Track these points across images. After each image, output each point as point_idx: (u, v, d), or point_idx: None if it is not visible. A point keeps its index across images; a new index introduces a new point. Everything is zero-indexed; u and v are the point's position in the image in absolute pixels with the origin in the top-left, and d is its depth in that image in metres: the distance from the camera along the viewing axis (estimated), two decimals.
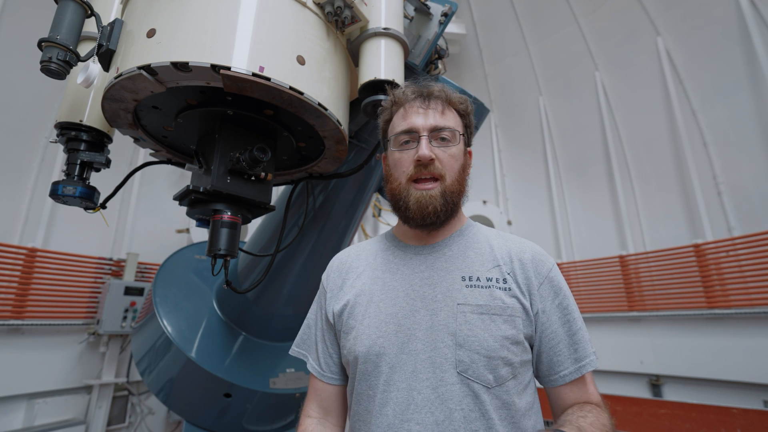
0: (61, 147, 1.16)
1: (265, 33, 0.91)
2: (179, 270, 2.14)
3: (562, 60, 4.79)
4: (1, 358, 2.94)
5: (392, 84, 1.03)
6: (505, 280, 0.82)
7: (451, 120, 0.88)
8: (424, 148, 0.82)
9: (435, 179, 0.84)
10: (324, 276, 1.00)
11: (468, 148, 0.94)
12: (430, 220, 0.84)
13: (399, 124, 0.89)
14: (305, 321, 1.03)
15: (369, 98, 1.03)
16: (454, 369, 0.75)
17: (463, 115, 0.92)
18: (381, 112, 0.96)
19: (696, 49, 3.78)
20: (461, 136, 0.89)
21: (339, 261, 1.00)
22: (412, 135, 0.86)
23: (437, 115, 0.87)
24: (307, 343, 0.99)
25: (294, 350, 1.02)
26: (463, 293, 0.81)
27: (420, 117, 0.86)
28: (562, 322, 0.82)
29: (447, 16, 1.36)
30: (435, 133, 0.85)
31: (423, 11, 1.37)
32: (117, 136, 1.22)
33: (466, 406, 0.73)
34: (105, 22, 0.99)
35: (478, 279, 0.83)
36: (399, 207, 0.87)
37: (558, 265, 4.26)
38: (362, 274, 0.92)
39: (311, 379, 0.97)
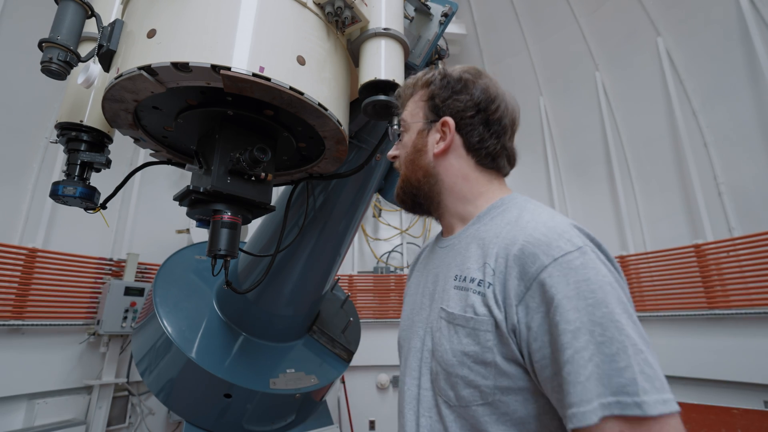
0: (62, 147, 1.16)
1: (266, 33, 0.91)
2: (179, 270, 2.14)
3: (562, 60, 4.79)
4: (2, 359, 2.94)
5: (394, 84, 1.02)
6: (483, 282, 0.65)
7: (406, 111, 0.91)
8: (392, 149, 0.91)
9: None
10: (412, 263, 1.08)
11: (444, 119, 0.81)
12: (407, 210, 0.90)
13: None
14: None
15: (369, 99, 1.03)
16: (430, 376, 0.71)
17: (425, 86, 0.87)
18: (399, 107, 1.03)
19: (696, 49, 3.78)
20: (414, 123, 0.87)
21: (425, 246, 1.07)
22: None
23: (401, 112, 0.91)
24: None
25: None
26: (449, 295, 0.72)
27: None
28: (553, 349, 0.56)
29: (447, 17, 1.36)
30: (396, 130, 0.92)
31: (423, 11, 1.37)
32: (117, 136, 1.22)
33: (433, 417, 0.68)
34: (105, 22, 0.99)
35: (464, 279, 0.69)
36: None
37: None
38: (418, 265, 1.00)
39: None
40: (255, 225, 1.99)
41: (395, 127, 0.92)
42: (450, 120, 0.81)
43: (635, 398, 0.49)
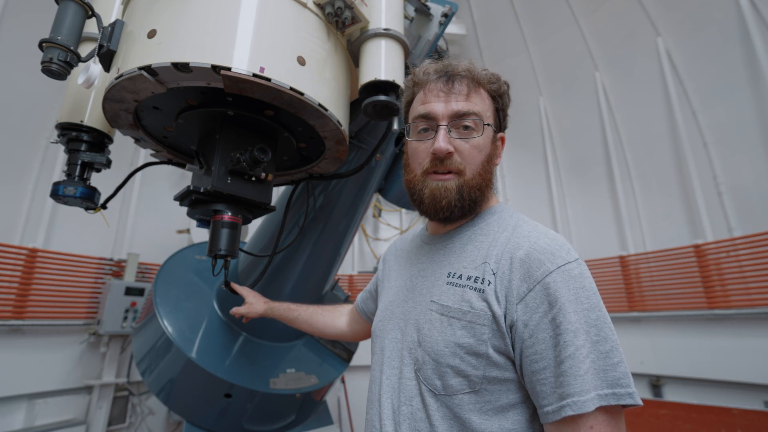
0: (62, 147, 1.16)
1: (266, 34, 0.91)
2: (180, 270, 2.14)
3: (562, 61, 4.79)
4: (2, 358, 2.94)
5: (394, 84, 1.03)
6: (483, 280, 0.69)
7: (477, 104, 0.78)
8: (441, 141, 0.74)
9: (450, 172, 0.77)
10: (388, 249, 1.10)
11: (500, 134, 0.83)
12: (443, 214, 0.77)
13: (417, 108, 0.81)
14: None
15: (369, 99, 1.03)
16: (413, 366, 0.74)
17: (494, 97, 0.81)
18: (401, 93, 0.90)
19: (696, 49, 3.78)
20: (487, 125, 0.78)
21: (401, 238, 1.08)
22: (430, 122, 0.78)
23: (460, 100, 0.77)
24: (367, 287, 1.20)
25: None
26: (440, 290, 0.75)
27: (440, 102, 0.77)
28: (552, 344, 0.61)
29: (447, 17, 1.37)
30: (456, 121, 0.76)
31: (423, 12, 1.38)
32: (117, 136, 1.22)
33: (415, 405, 0.71)
34: (106, 22, 1.00)
35: (459, 277, 0.73)
36: (414, 199, 0.81)
37: None
38: (398, 257, 0.99)
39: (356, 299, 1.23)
40: (255, 225, 1.99)
41: (473, 119, 0.77)
42: (504, 138, 0.85)
43: (627, 389, 0.58)
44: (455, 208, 0.76)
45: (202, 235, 3.93)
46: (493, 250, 0.73)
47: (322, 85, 0.99)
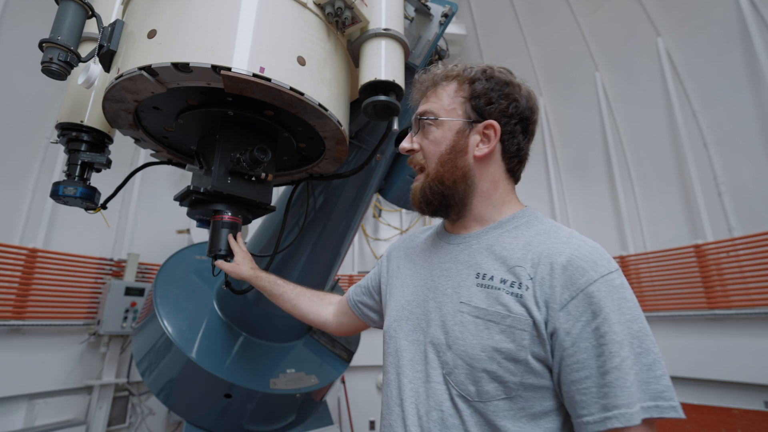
0: (62, 147, 1.16)
1: (266, 34, 0.91)
2: (180, 270, 2.14)
3: (562, 61, 4.79)
4: (2, 359, 2.94)
5: (394, 84, 1.03)
6: (520, 284, 0.68)
7: (434, 102, 0.83)
8: (404, 141, 0.83)
9: (422, 170, 0.83)
10: (392, 245, 1.08)
11: (488, 122, 0.80)
12: (423, 212, 0.84)
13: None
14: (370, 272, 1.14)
15: (369, 99, 1.03)
16: (441, 370, 0.72)
17: (466, 82, 0.81)
18: (400, 107, 1.00)
19: (696, 50, 3.78)
20: (446, 119, 0.80)
21: (408, 236, 1.05)
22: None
23: (424, 101, 0.85)
24: (360, 282, 1.14)
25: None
26: (470, 291, 0.73)
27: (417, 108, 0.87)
28: (595, 354, 0.61)
29: (447, 17, 1.37)
30: (418, 123, 0.84)
31: (423, 12, 1.37)
32: (118, 136, 1.22)
33: (445, 410, 0.69)
34: (106, 22, 1.00)
35: (491, 279, 0.71)
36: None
37: None
38: (409, 254, 0.96)
39: (347, 292, 1.16)
40: (255, 225, 1.99)
41: (424, 119, 0.83)
42: (497, 125, 0.80)
43: (671, 402, 0.58)
44: (425, 204, 0.82)
45: (202, 235, 3.93)
46: (528, 254, 0.71)
47: (322, 85, 0.99)
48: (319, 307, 1.18)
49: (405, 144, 0.83)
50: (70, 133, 1.13)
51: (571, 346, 0.62)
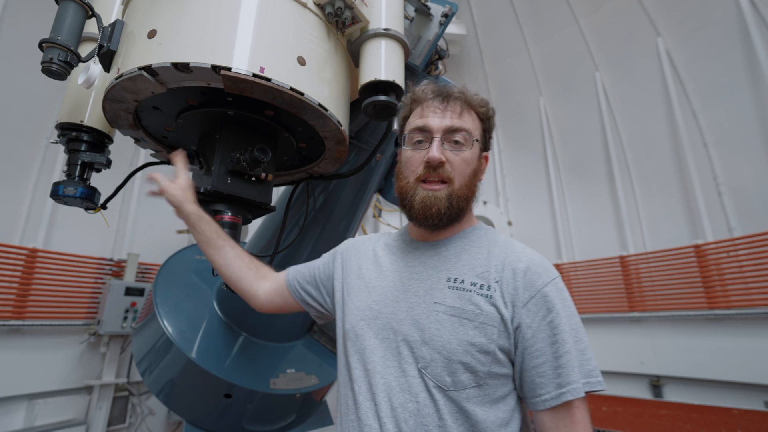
0: (62, 148, 1.16)
1: (266, 34, 0.91)
2: (180, 270, 2.14)
3: (562, 61, 4.79)
4: (2, 359, 2.94)
5: (394, 84, 1.03)
6: (489, 287, 0.79)
7: (468, 122, 0.88)
8: (435, 150, 0.83)
9: (443, 182, 0.85)
10: (342, 245, 1.08)
11: (484, 153, 0.93)
12: (432, 221, 0.84)
13: (414, 121, 0.89)
14: (312, 263, 1.11)
15: (369, 99, 1.03)
16: (417, 364, 0.78)
17: (482, 119, 0.92)
18: (400, 107, 0.97)
19: (696, 49, 3.78)
20: (476, 141, 0.88)
21: (360, 240, 1.07)
22: (425, 135, 0.86)
23: (454, 117, 0.87)
24: (301, 271, 1.10)
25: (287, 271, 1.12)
26: (443, 293, 0.81)
27: (436, 117, 0.86)
28: (550, 342, 0.74)
29: (447, 17, 1.37)
30: (449, 135, 0.86)
31: (423, 12, 1.37)
32: (118, 136, 1.22)
33: (421, 401, 0.76)
34: (106, 23, 1.00)
35: (462, 282, 0.81)
36: (405, 205, 0.88)
37: (558, 266, 4.23)
38: (369, 258, 0.98)
39: (285, 273, 1.11)
40: (255, 225, 1.99)
41: (463, 135, 0.87)
42: (487, 156, 0.94)
43: (598, 378, 0.75)
44: (444, 215, 0.84)
45: None
46: (492, 261, 0.83)
47: (322, 85, 0.99)
48: (254, 277, 1.10)
49: (437, 155, 0.82)
50: (70, 133, 1.13)
51: (532, 337, 0.75)
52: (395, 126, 1.09)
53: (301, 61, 0.95)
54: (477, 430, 0.74)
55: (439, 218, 0.84)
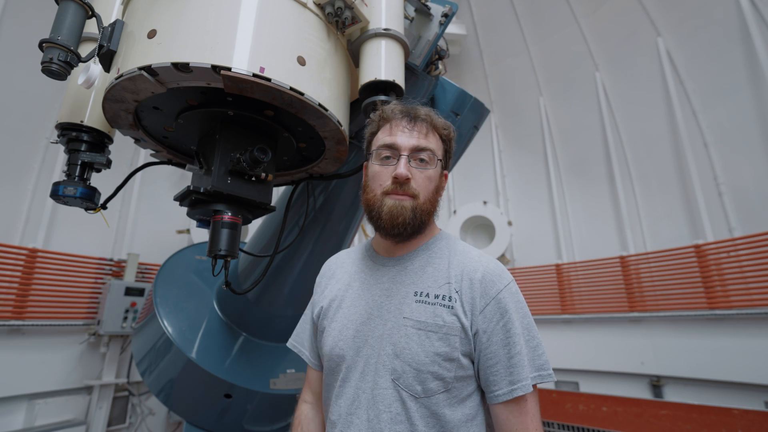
0: (62, 148, 1.16)
1: (266, 34, 0.91)
2: (180, 270, 2.14)
3: (562, 61, 4.79)
4: (2, 359, 2.94)
5: (394, 84, 1.03)
6: (450, 298, 0.85)
7: (432, 143, 0.93)
8: (402, 167, 0.88)
9: (409, 197, 0.90)
10: (318, 277, 1.11)
11: (445, 172, 0.98)
12: (398, 230, 0.89)
13: (383, 138, 0.93)
14: (302, 317, 1.14)
15: (369, 99, 1.03)
16: (389, 376, 0.83)
17: (444, 140, 0.97)
18: (368, 124, 1.01)
19: (696, 49, 3.78)
20: (439, 161, 0.94)
21: (328, 266, 1.11)
22: (393, 151, 0.91)
23: (420, 137, 0.92)
24: (302, 337, 1.11)
25: (291, 343, 1.14)
26: (411, 308, 0.87)
27: (404, 136, 0.91)
28: (503, 344, 0.82)
29: (447, 17, 1.37)
30: (415, 153, 0.91)
31: (423, 12, 1.37)
32: (118, 136, 1.22)
33: (394, 410, 0.81)
34: (106, 22, 1.00)
35: (427, 295, 0.87)
36: (372, 216, 0.92)
37: (558, 266, 4.21)
38: (340, 280, 1.03)
39: (307, 369, 1.11)
40: (255, 225, 1.99)
41: (428, 154, 0.92)
42: (447, 175, 1.00)
43: (548, 371, 0.84)
44: (409, 225, 0.89)
45: (202, 235, 3.93)
46: (452, 271, 0.89)
47: (322, 85, 0.99)
48: (318, 425, 1.05)
49: (405, 171, 0.87)
50: (70, 133, 1.13)
51: (487, 341, 0.83)
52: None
53: (301, 61, 0.95)
54: (446, 430, 0.80)
55: (404, 227, 0.88)
